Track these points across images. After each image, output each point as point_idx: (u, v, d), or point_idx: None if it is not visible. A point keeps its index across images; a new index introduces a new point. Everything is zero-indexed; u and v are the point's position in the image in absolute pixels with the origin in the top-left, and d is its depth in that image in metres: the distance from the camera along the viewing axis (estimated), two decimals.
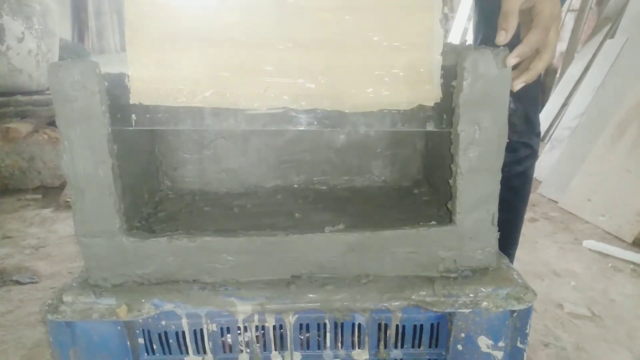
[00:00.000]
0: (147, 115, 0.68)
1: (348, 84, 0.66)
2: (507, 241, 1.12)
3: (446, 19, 4.90)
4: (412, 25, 0.66)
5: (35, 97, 2.93)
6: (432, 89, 0.68)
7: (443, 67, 0.66)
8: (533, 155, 1.12)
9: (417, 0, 0.65)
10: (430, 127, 0.69)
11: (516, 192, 1.12)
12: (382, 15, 0.66)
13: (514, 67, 0.65)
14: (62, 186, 2.68)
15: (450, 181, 0.68)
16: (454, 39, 4.22)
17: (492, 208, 0.67)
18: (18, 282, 1.65)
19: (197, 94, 0.67)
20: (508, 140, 0.66)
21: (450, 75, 0.66)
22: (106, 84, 0.63)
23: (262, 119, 0.67)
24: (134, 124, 0.68)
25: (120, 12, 4.99)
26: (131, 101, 0.67)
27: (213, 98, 0.67)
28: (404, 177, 0.99)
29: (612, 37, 2.86)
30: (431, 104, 0.68)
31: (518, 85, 0.66)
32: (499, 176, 0.67)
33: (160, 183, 0.96)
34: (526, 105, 1.04)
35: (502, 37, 0.64)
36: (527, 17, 0.66)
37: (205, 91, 0.67)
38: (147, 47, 0.66)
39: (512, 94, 0.65)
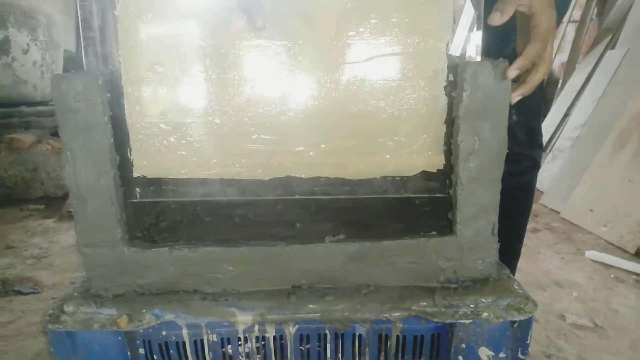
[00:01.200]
0: (151, 188, 0.69)
1: (351, 152, 0.67)
2: (509, 252, 1.12)
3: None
4: (416, 92, 0.67)
5: (39, 108, 2.94)
6: (435, 156, 0.69)
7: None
8: (535, 166, 1.11)
9: (421, 68, 0.66)
10: (434, 192, 0.71)
11: (518, 203, 1.11)
12: (386, 83, 0.67)
13: (513, 80, 0.65)
14: (65, 196, 2.69)
15: (451, 191, 0.69)
16: (456, 50, 4.25)
17: (493, 218, 0.68)
18: (20, 293, 1.65)
19: (201, 164, 0.69)
20: (510, 152, 0.67)
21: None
22: (108, 95, 0.64)
23: (266, 187, 0.67)
24: (138, 196, 0.70)
25: None
26: (135, 174, 0.69)
27: (217, 169, 0.69)
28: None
29: (612, 48, 2.88)
30: (434, 170, 0.69)
31: (516, 98, 0.66)
32: (499, 186, 0.67)
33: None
34: (528, 117, 1.03)
35: (497, 18, 0.64)
36: (525, 29, 0.67)
37: (208, 162, 0.69)
38: (148, 120, 0.67)
39: (513, 106, 0.66)
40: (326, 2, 0.64)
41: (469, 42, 0.65)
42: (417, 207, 0.92)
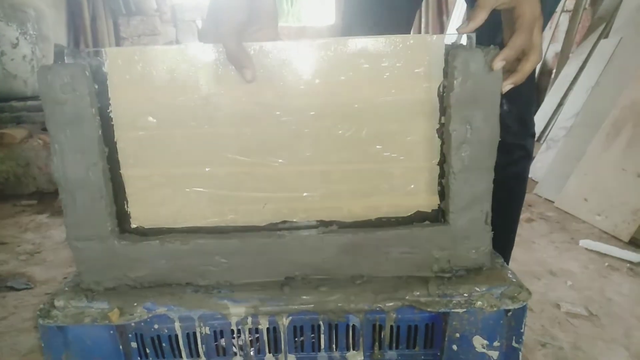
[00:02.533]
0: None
1: (346, 195, 0.67)
2: (503, 242, 1.12)
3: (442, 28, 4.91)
4: (410, 134, 0.67)
5: (29, 102, 2.92)
6: (430, 196, 0.69)
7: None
8: (527, 156, 1.11)
9: (415, 110, 0.66)
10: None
11: (511, 193, 1.11)
12: (380, 125, 0.66)
13: (503, 70, 0.65)
14: (57, 192, 2.66)
15: (443, 181, 0.68)
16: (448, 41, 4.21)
17: (486, 207, 0.67)
18: (13, 288, 1.64)
19: (197, 214, 0.68)
20: (502, 142, 0.66)
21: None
22: (96, 86, 0.63)
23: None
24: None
25: (116, 17, 4.99)
26: (132, 225, 0.69)
27: (213, 217, 0.69)
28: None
29: (606, 37, 2.87)
30: (429, 210, 0.69)
31: (507, 87, 0.66)
32: (492, 175, 0.66)
33: None
34: (520, 106, 1.03)
35: (465, 27, 0.64)
36: (509, 20, 0.66)
37: (204, 211, 0.68)
38: (143, 172, 0.67)
39: (505, 95, 0.65)
40: (316, 49, 0.63)
41: (461, 37, 0.64)
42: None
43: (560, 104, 2.99)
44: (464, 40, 0.65)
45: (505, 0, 0.64)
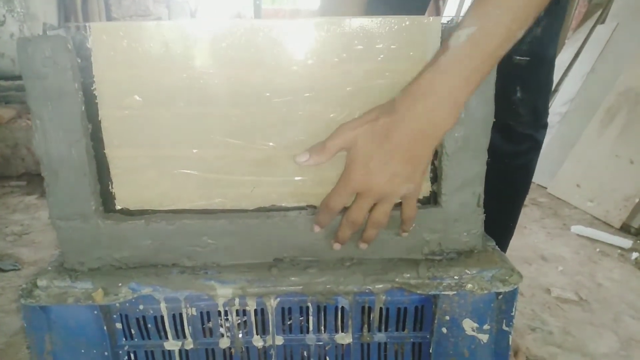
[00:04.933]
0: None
1: (335, 181, 0.64)
2: (502, 231, 1.09)
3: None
4: None
5: (18, 82, 2.87)
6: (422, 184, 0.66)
7: None
8: (536, 147, 1.03)
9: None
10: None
11: (516, 185, 1.04)
12: None
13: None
14: None
15: (436, 162, 0.67)
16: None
17: (478, 189, 0.66)
18: (0, 269, 1.62)
19: (184, 197, 0.66)
20: (512, 132, 0.63)
21: None
22: (79, 61, 0.61)
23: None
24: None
25: None
26: (117, 207, 0.66)
27: (200, 201, 0.66)
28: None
29: (602, 22, 2.86)
30: (421, 197, 0.67)
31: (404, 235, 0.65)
32: (485, 157, 0.65)
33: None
34: (535, 95, 0.94)
35: (304, 160, 0.61)
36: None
37: (191, 194, 0.66)
38: (128, 153, 0.64)
39: (520, 82, 0.62)
40: (309, 29, 0.61)
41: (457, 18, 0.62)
42: None
43: (555, 90, 2.97)
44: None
45: (348, 141, 0.60)
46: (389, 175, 0.58)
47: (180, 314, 0.66)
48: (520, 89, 0.89)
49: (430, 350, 0.68)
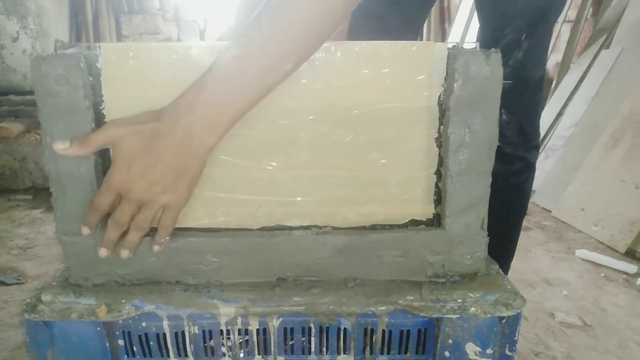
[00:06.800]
0: None
1: (341, 202, 0.65)
2: (502, 253, 1.09)
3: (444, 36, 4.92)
4: (409, 142, 0.66)
5: (28, 97, 2.91)
6: (425, 205, 0.68)
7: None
8: (529, 168, 1.06)
9: (414, 118, 0.65)
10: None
11: (510, 205, 1.06)
12: (378, 132, 0.65)
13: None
14: None
15: (440, 184, 0.67)
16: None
17: (482, 212, 0.66)
18: (3, 283, 1.62)
19: (189, 216, 0.67)
20: (501, 152, 0.64)
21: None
22: (91, 79, 0.62)
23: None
24: None
25: (118, 15, 4.99)
26: None
27: (204, 219, 0.67)
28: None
29: (607, 47, 2.87)
30: (424, 219, 0.68)
31: (155, 248, 0.63)
32: (489, 180, 0.65)
33: None
34: (520, 117, 0.98)
35: (62, 147, 0.59)
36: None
37: (196, 212, 0.67)
38: None
39: (504, 104, 0.63)
40: (316, 52, 0.62)
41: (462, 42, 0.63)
42: None
43: (560, 114, 2.99)
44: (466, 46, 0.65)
45: (108, 141, 0.59)
46: (149, 183, 0.58)
47: (183, 332, 0.66)
48: (505, 112, 0.90)
49: None
